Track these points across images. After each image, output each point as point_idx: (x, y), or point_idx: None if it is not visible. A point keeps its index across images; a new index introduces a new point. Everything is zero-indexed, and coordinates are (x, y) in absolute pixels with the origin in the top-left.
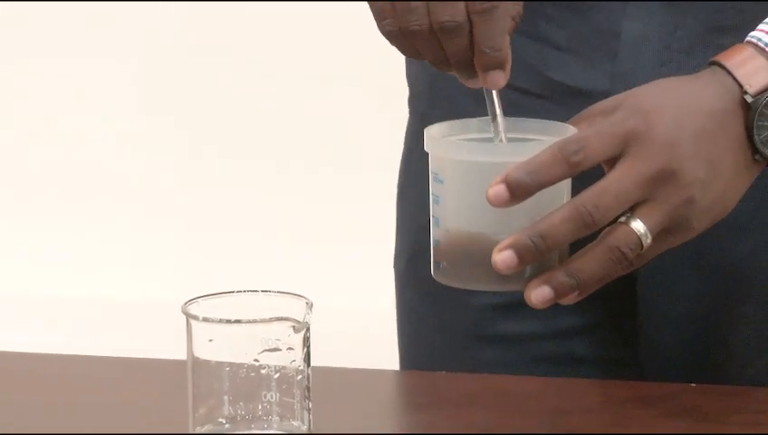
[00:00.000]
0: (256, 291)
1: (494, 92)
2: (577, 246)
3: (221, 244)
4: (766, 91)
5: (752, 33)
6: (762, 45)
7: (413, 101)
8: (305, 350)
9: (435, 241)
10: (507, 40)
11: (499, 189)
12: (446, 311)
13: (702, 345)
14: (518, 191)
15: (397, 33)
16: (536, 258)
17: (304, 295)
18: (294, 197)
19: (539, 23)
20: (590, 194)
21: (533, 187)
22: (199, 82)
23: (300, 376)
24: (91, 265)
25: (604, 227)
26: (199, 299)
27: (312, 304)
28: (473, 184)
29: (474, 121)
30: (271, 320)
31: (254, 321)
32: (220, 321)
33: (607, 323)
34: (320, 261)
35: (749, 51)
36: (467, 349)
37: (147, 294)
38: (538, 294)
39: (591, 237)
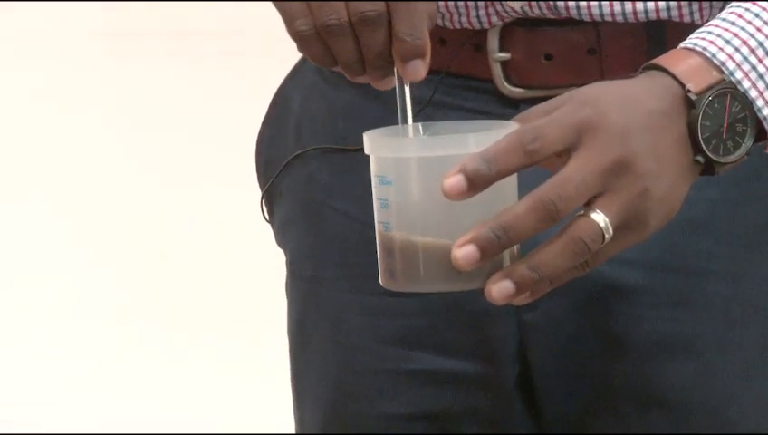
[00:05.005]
0: None
1: (407, 93)
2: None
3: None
4: (709, 90)
5: (682, 43)
6: (698, 49)
7: (296, 265)
8: None
9: (385, 247)
10: (427, 31)
11: (456, 180)
12: None
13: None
14: (477, 180)
15: (310, 35)
16: (498, 252)
17: None
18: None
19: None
20: (552, 184)
21: (492, 176)
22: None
23: None
24: None
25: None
26: None
27: None
28: (424, 181)
29: (399, 128)
30: None
31: None
32: None
33: (497, 404)
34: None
35: (683, 52)
36: None
37: None
38: (500, 289)
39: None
